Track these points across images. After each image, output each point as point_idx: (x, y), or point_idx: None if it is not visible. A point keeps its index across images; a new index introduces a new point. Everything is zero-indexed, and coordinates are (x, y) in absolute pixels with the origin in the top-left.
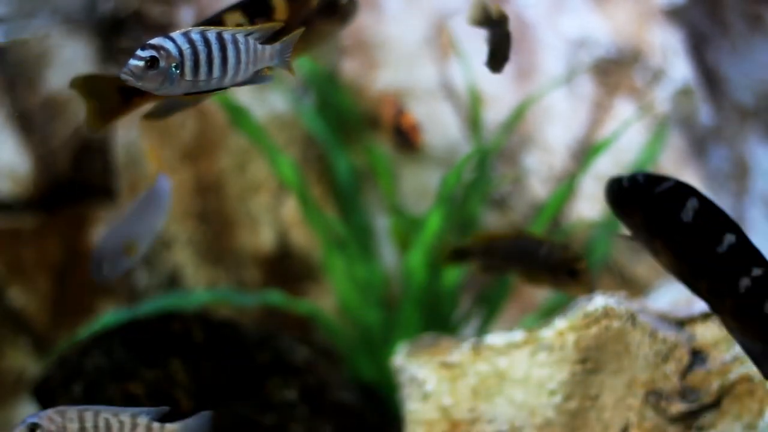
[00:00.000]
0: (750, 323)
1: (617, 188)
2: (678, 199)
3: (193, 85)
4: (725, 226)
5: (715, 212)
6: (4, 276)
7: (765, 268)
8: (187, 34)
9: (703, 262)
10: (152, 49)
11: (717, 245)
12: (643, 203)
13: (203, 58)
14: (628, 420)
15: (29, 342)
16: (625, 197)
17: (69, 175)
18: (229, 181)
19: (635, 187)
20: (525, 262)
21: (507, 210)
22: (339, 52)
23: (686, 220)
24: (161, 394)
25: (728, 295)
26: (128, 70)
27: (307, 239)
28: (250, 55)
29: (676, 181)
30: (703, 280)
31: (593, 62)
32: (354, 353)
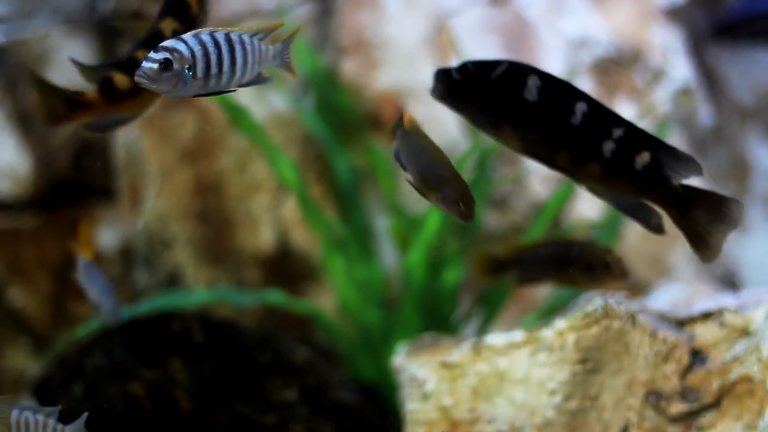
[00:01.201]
0: (622, 180)
1: (449, 81)
2: (518, 80)
3: (203, 87)
4: (573, 96)
5: (559, 84)
6: (4, 276)
7: (624, 127)
8: (197, 36)
9: (560, 135)
10: (166, 51)
11: (571, 116)
12: (482, 91)
13: (214, 60)
14: (628, 420)
15: (29, 342)
16: (460, 89)
17: (69, 175)
18: (229, 181)
19: (469, 76)
20: (559, 266)
21: (507, 210)
22: (339, 52)
23: (532, 98)
24: (161, 394)
25: (594, 161)
26: (143, 73)
27: (307, 239)
28: (255, 56)
29: (510, 62)
30: (563, 152)
31: (593, 62)
32: (354, 353)
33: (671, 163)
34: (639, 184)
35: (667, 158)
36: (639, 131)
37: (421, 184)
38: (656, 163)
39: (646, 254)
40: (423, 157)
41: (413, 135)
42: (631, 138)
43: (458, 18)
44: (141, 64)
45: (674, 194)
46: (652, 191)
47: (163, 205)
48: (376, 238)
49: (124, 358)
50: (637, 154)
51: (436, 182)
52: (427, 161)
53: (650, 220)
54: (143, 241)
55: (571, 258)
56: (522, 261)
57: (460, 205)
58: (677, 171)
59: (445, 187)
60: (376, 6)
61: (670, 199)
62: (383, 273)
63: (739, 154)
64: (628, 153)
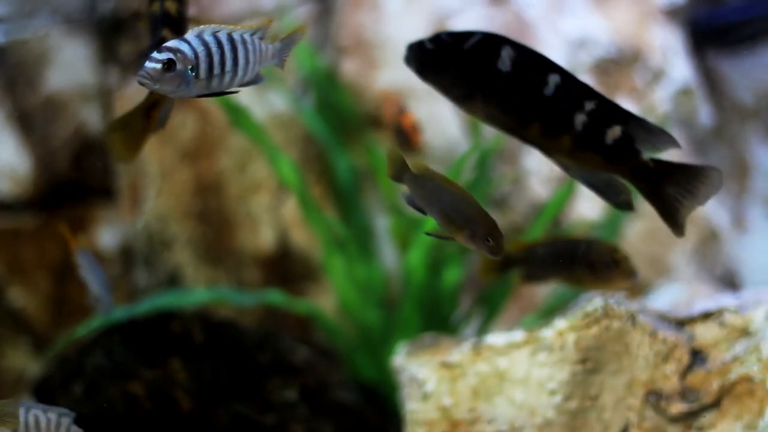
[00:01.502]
0: (593, 155)
1: (422, 51)
2: (492, 50)
3: (206, 87)
4: (547, 68)
5: (532, 56)
6: (4, 276)
7: (596, 100)
8: (200, 36)
9: (532, 107)
10: (169, 51)
11: (543, 87)
12: (455, 61)
13: (217, 60)
14: (628, 420)
15: (29, 342)
16: (433, 59)
17: (69, 175)
18: (229, 181)
19: (442, 46)
20: (565, 264)
21: (507, 210)
22: (339, 52)
23: (505, 69)
24: (161, 394)
25: (565, 134)
26: (145, 73)
27: (307, 239)
28: (257, 55)
29: (484, 33)
30: (534, 125)
31: (593, 62)
32: (354, 353)
33: (643, 137)
34: (610, 158)
35: (638, 132)
36: (611, 104)
37: (446, 225)
38: (627, 137)
39: (646, 254)
40: (442, 198)
41: (425, 177)
42: (603, 111)
43: (458, 18)
44: (144, 64)
45: (645, 169)
46: (622, 165)
47: (163, 205)
48: (376, 238)
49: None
50: (609, 128)
51: (461, 221)
52: (447, 201)
53: (619, 197)
54: (143, 241)
55: (578, 256)
56: (528, 259)
57: (490, 240)
58: (650, 144)
59: (472, 224)
60: (376, 6)
61: (641, 174)
62: (383, 273)
63: (739, 154)
64: (599, 126)
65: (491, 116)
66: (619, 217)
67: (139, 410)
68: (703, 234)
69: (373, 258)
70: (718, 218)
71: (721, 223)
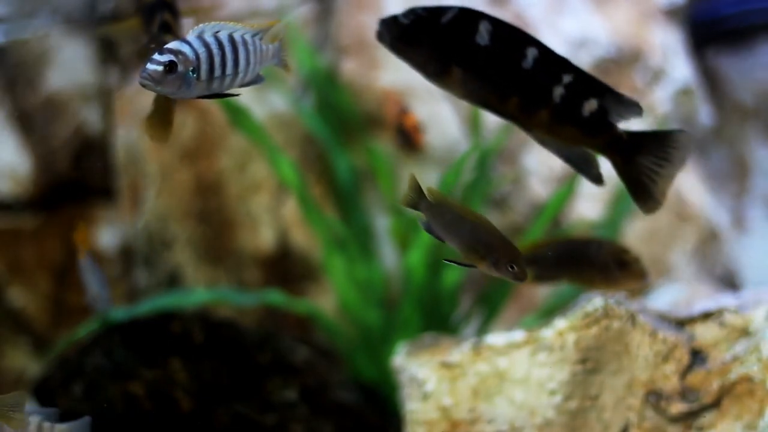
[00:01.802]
0: (570, 128)
1: (397, 26)
2: (469, 25)
3: (207, 88)
4: (525, 41)
5: (510, 30)
6: (4, 276)
7: (574, 73)
8: (201, 37)
9: (512, 80)
10: (170, 53)
11: (522, 61)
12: (432, 36)
13: (218, 61)
14: (628, 420)
15: (29, 342)
16: (409, 34)
17: (69, 175)
18: (229, 181)
19: (419, 21)
20: (575, 265)
21: (507, 210)
22: (339, 52)
23: (483, 43)
24: (161, 394)
25: (543, 107)
26: (147, 75)
27: (307, 239)
28: (257, 56)
29: (460, 8)
30: (513, 98)
31: (593, 62)
32: (354, 353)
33: (616, 109)
34: (586, 132)
35: (612, 104)
36: (588, 77)
37: (467, 254)
38: (603, 110)
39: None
40: (461, 227)
41: (442, 205)
42: (580, 84)
43: None
44: (145, 65)
45: (620, 141)
46: (597, 138)
47: (163, 205)
48: (376, 238)
49: (124, 358)
50: (586, 101)
51: (483, 249)
52: (467, 230)
53: (592, 171)
54: (143, 241)
55: (588, 257)
56: (538, 259)
57: (514, 267)
58: (621, 116)
59: (495, 252)
60: (377, 6)
61: (615, 147)
62: (383, 273)
63: (739, 154)
64: (577, 99)
65: (469, 91)
66: (619, 217)
67: (139, 410)
68: (703, 234)
69: (373, 258)
70: (718, 218)
71: (721, 223)
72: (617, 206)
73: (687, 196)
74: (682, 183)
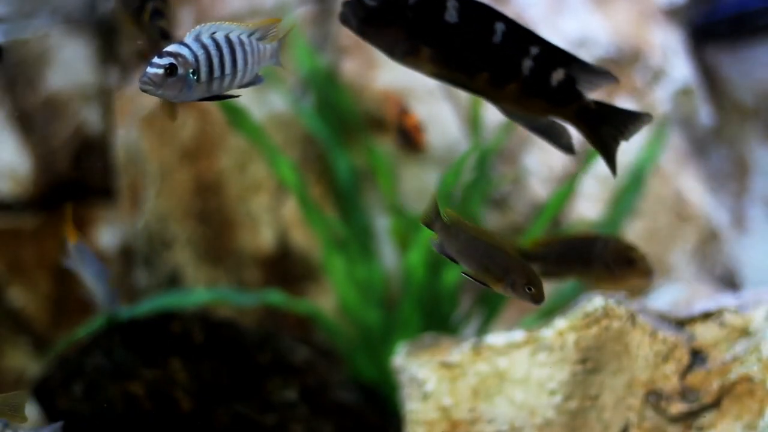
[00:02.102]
0: (539, 100)
1: (363, 9)
2: (437, 3)
3: (207, 90)
4: (492, 16)
5: (477, 6)
6: (4, 276)
7: (540, 45)
8: (199, 39)
9: (482, 56)
10: (170, 56)
11: (491, 36)
12: (400, 17)
13: (216, 62)
14: (628, 420)
15: (29, 342)
16: (377, 16)
17: (69, 175)
18: (229, 181)
19: (386, 3)
20: (582, 262)
21: (507, 210)
22: (339, 52)
23: (453, 20)
24: (161, 394)
25: (512, 80)
26: (147, 79)
27: (307, 239)
28: (255, 56)
29: None
30: (482, 74)
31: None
32: (354, 353)
33: (583, 78)
34: (554, 102)
35: (579, 73)
36: (553, 48)
37: (483, 275)
38: (570, 79)
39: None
40: (477, 249)
41: (457, 227)
42: (547, 54)
43: None
44: (144, 69)
45: (588, 111)
46: (566, 108)
47: (163, 205)
48: (376, 238)
49: (124, 358)
50: (554, 71)
51: (500, 272)
52: (482, 252)
53: (561, 140)
54: (143, 241)
55: (594, 255)
56: (545, 256)
57: (531, 289)
58: (590, 84)
59: (511, 274)
60: None
61: (584, 116)
62: (383, 273)
63: (739, 154)
64: (545, 70)
65: (439, 70)
66: (619, 217)
67: (139, 410)
68: (703, 234)
69: (373, 258)
70: (718, 218)
71: (721, 223)
72: (617, 206)
73: (687, 196)
74: (682, 183)
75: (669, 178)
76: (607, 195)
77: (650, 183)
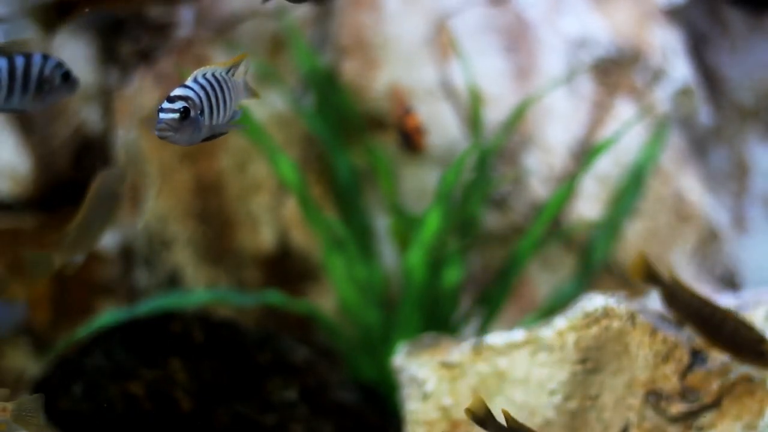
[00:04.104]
0: None
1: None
2: None
3: (209, 129)
4: None
5: None
6: (4, 276)
7: None
8: (197, 80)
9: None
10: (180, 99)
11: None
12: None
13: (214, 102)
14: (628, 420)
15: (29, 342)
16: None
17: (69, 175)
18: (229, 181)
19: None
20: (709, 328)
21: (507, 210)
22: (339, 52)
23: None
24: (161, 394)
25: None
26: (165, 125)
27: (307, 239)
28: (235, 92)
29: None
30: None
31: (593, 62)
32: (354, 353)
33: None
34: None
35: None
36: None
37: None
38: None
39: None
40: None
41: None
42: None
43: (458, 18)
44: (158, 116)
45: None
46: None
47: (163, 205)
48: (376, 238)
49: (124, 358)
50: None
51: None
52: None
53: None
54: (143, 241)
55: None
56: (673, 295)
57: None
58: None
59: None
60: (376, 6)
61: None
62: (383, 273)
63: (739, 154)
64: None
65: None
66: (619, 217)
67: (139, 410)
68: (703, 234)
69: (373, 258)
70: (718, 218)
71: (721, 223)
72: (617, 206)
73: (687, 196)
74: (682, 183)
75: (669, 178)
76: (607, 195)
77: (650, 183)
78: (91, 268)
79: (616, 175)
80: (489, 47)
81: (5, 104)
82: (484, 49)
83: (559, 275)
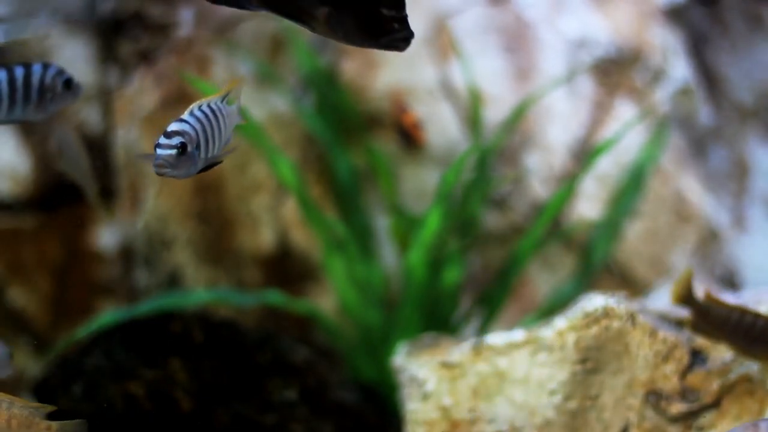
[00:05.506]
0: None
1: None
2: None
3: (205, 161)
4: None
5: None
6: (4, 276)
7: None
8: (193, 114)
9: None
10: (177, 135)
11: None
12: None
13: (209, 134)
14: (628, 420)
15: (29, 342)
16: None
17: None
18: (229, 181)
19: None
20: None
21: (507, 210)
22: (339, 52)
23: None
24: (161, 394)
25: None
26: (162, 162)
27: (307, 239)
28: (229, 120)
29: None
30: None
31: (593, 62)
32: (354, 353)
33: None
34: None
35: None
36: None
37: None
38: None
39: (646, 254)
40: None
41: None
42: None
43: (458, 18)
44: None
45: None
46: None
47: (163, 205)
48: (376, 238)
49: (124, 358)
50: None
51: None
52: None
53: None
54: (143, 241)
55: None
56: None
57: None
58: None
59: None
60: None
61: None
62: (383, 273)
63: (739, 154)
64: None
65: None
66: (619, 217)
67: (139, 410)
68: (703, 234)
69: (373, 258)
70: (718, 218)
71: (721, 223)
72: (617, 206)
73: (687, 196)
74: (682, 183)
75: (669, 178)
76: (607, 195)
77: (650, 183)
78: (91, 268)
79: (616, 175)
80: (489, 47)
81: (8, 116)
82: (484, 49)
83: (559, 275)
